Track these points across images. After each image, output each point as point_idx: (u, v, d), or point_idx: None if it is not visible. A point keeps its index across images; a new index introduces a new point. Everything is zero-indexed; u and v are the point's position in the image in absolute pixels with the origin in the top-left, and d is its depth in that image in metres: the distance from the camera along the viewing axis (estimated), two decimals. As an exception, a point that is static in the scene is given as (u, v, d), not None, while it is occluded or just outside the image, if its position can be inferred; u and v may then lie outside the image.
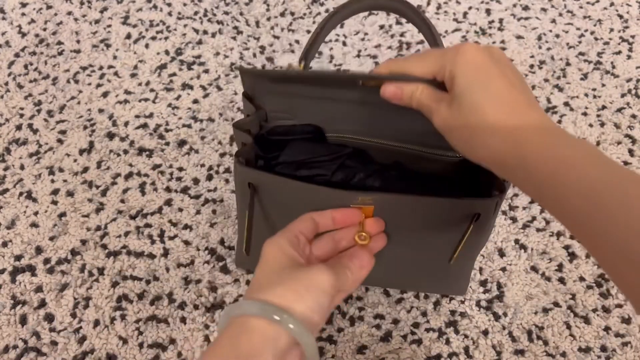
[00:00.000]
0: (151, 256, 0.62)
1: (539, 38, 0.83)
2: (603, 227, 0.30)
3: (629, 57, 0.81)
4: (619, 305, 0.60)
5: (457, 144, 0.38)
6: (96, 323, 0.58)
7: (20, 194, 0.67)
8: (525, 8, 0.87)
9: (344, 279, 0.40)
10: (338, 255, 0.44)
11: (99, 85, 0.77)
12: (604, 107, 0.76)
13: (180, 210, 0.66)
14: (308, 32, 0.83)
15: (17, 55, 0.80)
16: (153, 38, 0.82)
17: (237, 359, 0.34)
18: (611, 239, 0.30)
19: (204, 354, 0.35)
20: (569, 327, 0.59)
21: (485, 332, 0.58)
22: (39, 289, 0.60)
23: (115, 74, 0.78)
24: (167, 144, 0.71)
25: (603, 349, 0.57)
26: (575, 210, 0.32)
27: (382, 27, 0.84)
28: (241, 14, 0.86)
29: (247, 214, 0.47)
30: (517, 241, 0.64)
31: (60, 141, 0.71)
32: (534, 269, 0.62)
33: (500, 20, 0.85)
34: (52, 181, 0.68)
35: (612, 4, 0.88)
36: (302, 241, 0.42)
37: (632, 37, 0.84)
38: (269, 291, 0.36)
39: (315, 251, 0.44)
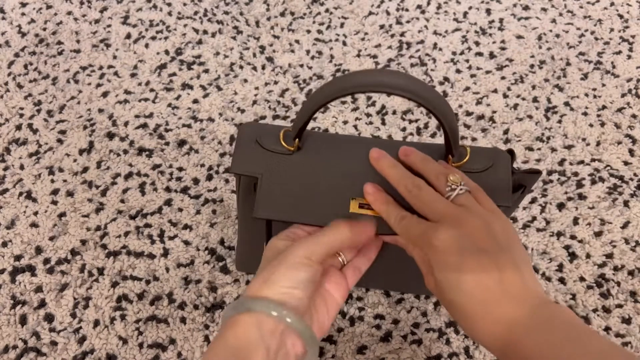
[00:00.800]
0: (151, 256, 0.62)
1: (539, 38, 0.83)
2: None
3: (629, 57, 0.81)
4: (619, 306, 0.60)
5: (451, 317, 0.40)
6: (96, 323, 0.58)
7: (20, 194, 0.67)
8: (526, 8, 0.87)
9: (332, 241, 0.41)
10: None
11: (98, 85, 0.77)
12: (604, 107, 0.76)
13: (180, 210, 0.66)
14: (308, 32, 0.83)
15: (17, 55, 0.80)
16: (153, 38, 0.82)
17: (227, 351, 0.36)
18: None
19: (203, 356, 0.36)
20: (569, 327, 0.58)
21: (486, 332, 0.58)
22: (38, 289, 0.60)
23: (115, 73, 0.78)
24: (167, 144, 0.71)
25: (603, 349, 0.57)
26: None
27: (382, 26, 0.84)
28: (241, 13, 0.86)
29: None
30: (517, 241, 0.64)
31: (60, 141, 0.71)
32: (535, 269, 0.62)
33: (501, 20, 0.85)
34: (52, 181, 0.68)
35: (612, 4, 0.87)
36: (300, 234, 0.43)
37: (633, 37, 0.84)
38: (249, 288, 0.39)
39: None
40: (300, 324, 0.37)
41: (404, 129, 0.73)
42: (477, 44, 0.82)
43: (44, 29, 0.83)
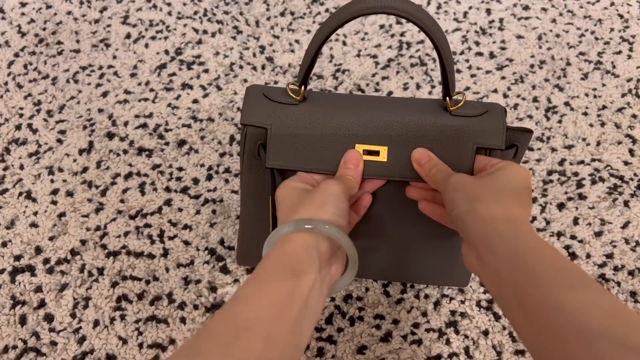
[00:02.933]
0: (151, 256, 0.62)
1: (540, 38, 0.83)
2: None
3: (629, 57, 0.81)
4: (620, 306, 0.60)
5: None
6: (96, 323, 0.58)
7: (20, 194, 0.67)
8: (526, 8, 0.87)
9: (349, 182, 0.46)
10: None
11: (98, 85, 0.77)
12: (604, 107, 0.76)
13: (180, 210, 0.66)
14: (308, 31, 0.83)
15: (16, 55, 0.80)
16: (153, 38, 0.82)
17: (283, 262, 0.37)
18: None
19: (254, 272, 0.38)
20: (569, 327, 0.58)
21: (486, 333, 0.58)
22: (38, 289, 0.60)
23: (115, 73, 0.78)
24: (167, 143, 0.71)
25: (603, 349, 0.57)
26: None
27: (382, 26, 0.84)
28: (241, 13, 0.86)
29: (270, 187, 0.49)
30: (517, 241, 0.64)
31: (59, 141, 0.71)
32: (534, 269, 0.62)
33: (501, 20, 0.85)
34: (52, 181, 0.68)
35: (612, 4, 0.87)
36: (308, 178, 0.48)
37: (633, 36, 0.84)
38: (295, 214, 0.41)
39: None
40: (351, 246, 0.41)
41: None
42: (477, 43, 0.82)
43: (44, 29, 0.83)
